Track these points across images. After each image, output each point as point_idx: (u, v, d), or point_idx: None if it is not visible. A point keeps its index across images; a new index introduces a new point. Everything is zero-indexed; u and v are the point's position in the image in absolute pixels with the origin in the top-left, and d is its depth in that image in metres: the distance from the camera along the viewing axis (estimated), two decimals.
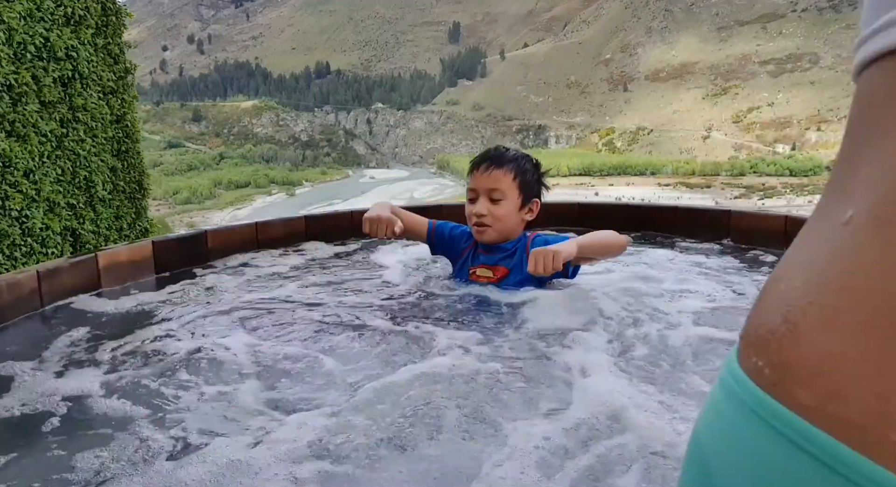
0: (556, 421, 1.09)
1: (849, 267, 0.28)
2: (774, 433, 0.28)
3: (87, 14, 4.27)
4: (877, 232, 0.27)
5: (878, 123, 0.29)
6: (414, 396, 1.18)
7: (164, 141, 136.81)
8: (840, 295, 0.27)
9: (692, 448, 0.35)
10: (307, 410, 1.16)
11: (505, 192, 1.78)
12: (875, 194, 0.28)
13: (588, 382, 1.24)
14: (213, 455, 1.01)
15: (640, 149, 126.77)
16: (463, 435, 1.05)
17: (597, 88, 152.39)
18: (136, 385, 1.30)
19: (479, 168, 1.81)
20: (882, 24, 0.29)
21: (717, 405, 0.32)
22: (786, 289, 0.31)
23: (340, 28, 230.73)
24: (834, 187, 0.32)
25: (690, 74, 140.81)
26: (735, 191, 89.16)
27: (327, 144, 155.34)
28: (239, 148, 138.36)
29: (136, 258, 2.12)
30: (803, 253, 0.31)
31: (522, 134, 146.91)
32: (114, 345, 1.52)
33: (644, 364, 1.35)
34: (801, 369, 0.28)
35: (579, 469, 0.94)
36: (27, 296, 1.76)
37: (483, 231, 1.80)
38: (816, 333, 0.28)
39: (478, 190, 1.81)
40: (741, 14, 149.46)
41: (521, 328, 1.55)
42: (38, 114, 3.79)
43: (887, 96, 0.29)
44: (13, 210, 3.58)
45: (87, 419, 1.16)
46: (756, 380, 0.30)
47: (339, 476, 0.95)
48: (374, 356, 1.41)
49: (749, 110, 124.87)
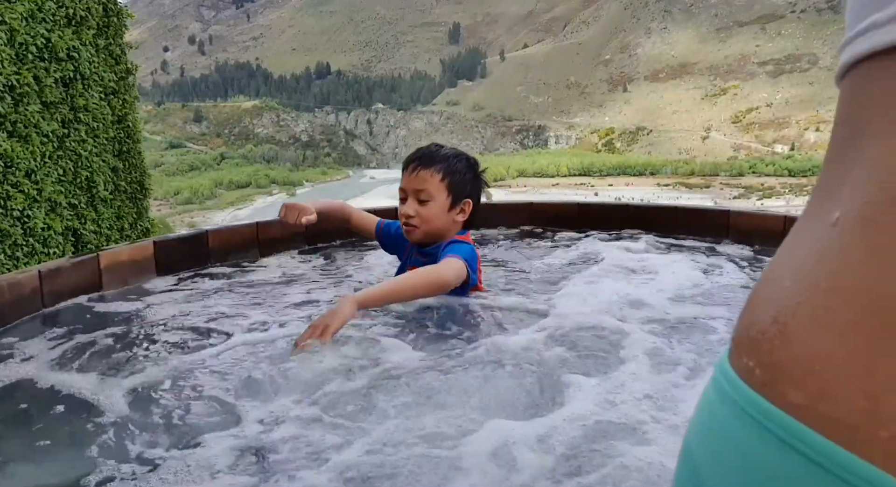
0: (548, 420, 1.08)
1: (837, 268, 0.28)
2: (766, 432, 0.28)
3: (89, 15, 4.29)
4: (863, 233, 0.27)
5: (863, 125, 0.29)
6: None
7: (166, 141, 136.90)
8: (829, 295, 0.28)
9: (685, 448, 0.35)
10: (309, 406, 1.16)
11: (432, 193, 1.73)
12: (861, 195, 0.28)
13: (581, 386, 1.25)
14: (213, 454, 1.01)
15: (639, 149, 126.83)
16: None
17: (596, 88, 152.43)
18: (137, 386, 1.29)
19: (407, 168, 1.78)
20: (865, 26, 0.29)
21: (710, 405, 0.33)
22: (776, 290, 0.31)
23: (341, 29, 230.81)
24: (821, 189, 0.32)
25: (689, 75, 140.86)
26: (734, 191, 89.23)
27: (328, 144, 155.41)
28: (240, 148, 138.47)
29: (138, 258, 2.13)
30: (793, 254, 0.32)
31: (522, 134, 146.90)
32: (114, 345, 1.52)
33: (643, 364, 1.35)
34: (792, 369, 0.28)
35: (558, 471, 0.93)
36: (28, 296, 1.76)
37: (411, 232, 1.78)
38: (806, 333, 0.28)
39: (406, 190, 1.77)
40: (740, 15, 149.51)
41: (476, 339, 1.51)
42: (39, 114, 3.80)
43: (871, 98, 0.29)
44: (15, 210, 3.59)
45: (86, 420, 1.15)
46: (747, 380, 0.30)
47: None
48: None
49: (748, 111, 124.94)
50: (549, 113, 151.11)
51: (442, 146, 1.83)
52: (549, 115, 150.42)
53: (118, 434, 1.09)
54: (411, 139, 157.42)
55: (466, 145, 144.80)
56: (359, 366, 1.30)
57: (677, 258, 2.27)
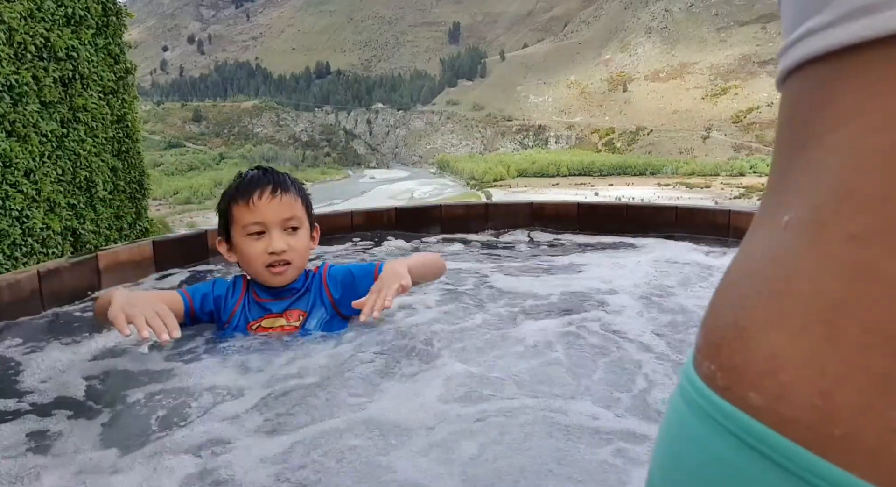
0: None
1: (788, 271, 0.29)
2: (730, 435, 0.29)
3: (88, 14, 4.28)
4: (812, 236, 0.28)
5: (806, 130, 0.30)
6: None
7: (165, 141, 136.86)
8: (782, 299, 0.28)
9: (655, 454, 0.35)
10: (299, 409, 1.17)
11: (301, 218, 1.51)
12: (808, 198, 0.29)
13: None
14: (210, 451, 1.01)
15: (639, 149, 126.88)
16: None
17: (597, 88, 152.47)
18: (137, 386, 1.28)
19: (259, 195, 1.45)
20: (800, 34, 0.30)
21: (677, 410, 0.33)
22: (734, 294, 0.32)
23: (340, 28, 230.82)
24: (771, 193, 0.33)
25: (690, 75, 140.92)
26: (734, 191, 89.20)
27: (327, 144, 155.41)
28: (239, 148, 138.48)
29: (137, 258, 2.12)
30: (748, 259, 0.32)
31: (522, 134, 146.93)
32: (115, 345, 1.51)
33: (639, 364, 1.34)
34: (751, 371, 0.28)
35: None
36: (27, 296, 1.75)
37: (283, 272, 1.48)
38: (763, 336, 0.29)
39: (266, 223, 1.46)
40: (741, 14, 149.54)
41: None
42: (38, 114, 3.79)
43: (811, 104, 0.30)
44: (14, 210, 3.58)
45: (86, 420, 1.15)
46: (710, 385, 0.31)
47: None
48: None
49: (748, 110, 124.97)
50: (549, 113, 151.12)
51: (268, 167, 1.59)
52: (549, 114, 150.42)
53: (117, 434, 1.09)
54: (411, 139, 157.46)
55: (466, 145, 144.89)
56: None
57: (678, 258, 2.26)
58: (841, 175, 0.27)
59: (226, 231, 1.52)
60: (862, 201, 0.26)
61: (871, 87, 0.27)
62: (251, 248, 1.47)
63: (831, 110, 0.28)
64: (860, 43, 0.27)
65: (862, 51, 0.27)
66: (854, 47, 0.27)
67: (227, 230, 1.52)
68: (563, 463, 0.94)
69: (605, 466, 0.94)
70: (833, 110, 0.28)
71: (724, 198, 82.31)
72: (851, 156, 0.27)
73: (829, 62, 0.29)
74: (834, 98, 0.28)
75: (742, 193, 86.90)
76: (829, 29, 0.28)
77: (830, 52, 0.28)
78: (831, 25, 0.28)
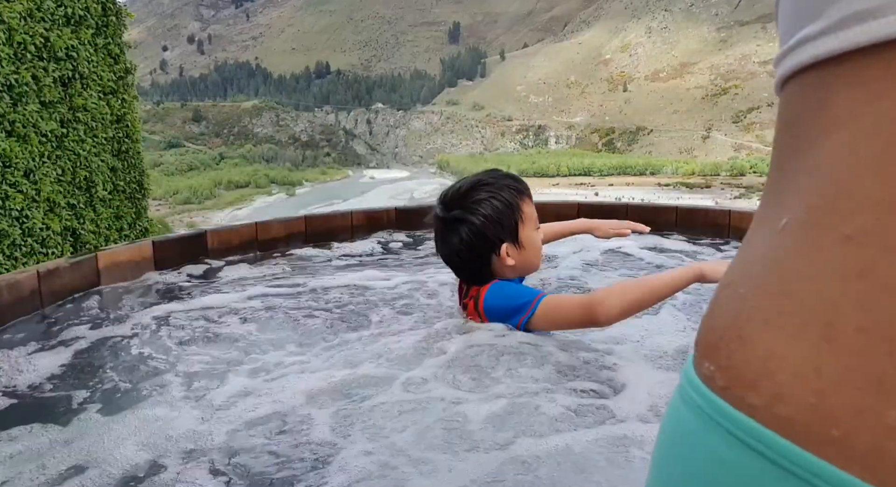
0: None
1: (785, 272, 0.29)
2: (729, 435, 0.29)
3: (88, 14, 4.27)
4: (808, 237, 0.28)
5: (803, 133, 0.31)
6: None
7: (164, 141, 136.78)
8: (779, 300, 0.29)
9: (655, 453, 0.36)
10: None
11: None
12: (805, 200, 0.29)
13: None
14: (209, 450, 1.02)
15: (639, 149, 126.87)
16: None
17: (597, 88, 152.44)
18: (136, 387, 1.29)
19: (530, 194, 1.53)
20: (796, 41, 0.31)
21: (677, 411, 0.34)
22: (733, 295, 0.32)
23: (340, 28, 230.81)
24: (769, 196, 0.33)
25: (690, 74, 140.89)
26: (735, 191, 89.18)
27: (327, 144, 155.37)
28: (239, 148, 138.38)
29: (136, 258, 2.12)
30: (746, 260, 0.33)
31: (522, 134, 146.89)
32: (114, 346, 1.52)
33: (639, 364, 1.34)
34: (749, 372, 0.29)
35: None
36: (27, 296, 1.75)
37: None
38: (760, 337, 0.29)
39: (537, 220, 1.53)
40: (741, 14, 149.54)
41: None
42: (38, 114, 3.79)
43: (808, 110, 0.30)
44: (13, 210, 3.58)
45: (86, 420, 1.16)
46: (709, 385, 0.31)
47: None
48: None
49: (749, 110, 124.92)
50: (550, 113, 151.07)
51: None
52: (549, 114, 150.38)
53: (117, 434, 1.09)
54: (411, 139, 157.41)
55: (466, 145, 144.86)
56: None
57: (678, 257, 2.26)
58: (836, 177, 0.28)
59: (514, 233, 1.46)
60: (857, 203, 0.27)
61: (865, 91, 0.27)
62: (538, 240, 1.51)
63: (827, 114, 0.29)
64: (854, 49, 0.27)
65: (855, 57, 0.28)
66: (848, 54, 0.28)
67: (515, 232, 1.46)
68: (564, 463, 0.94)
69: (605, 466, 0.93)
70: (829, 114, 0.29)
71: (724, 198, 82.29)
72: (846, 159, 0.28)
73: (825, 68, 0.29)
74: (830, 103, 0.29)
75: (742, 193, 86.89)
76: (824, 36, 0.29)
77: (826, 58, 0.29)
78: (825, 33, 0.29)
